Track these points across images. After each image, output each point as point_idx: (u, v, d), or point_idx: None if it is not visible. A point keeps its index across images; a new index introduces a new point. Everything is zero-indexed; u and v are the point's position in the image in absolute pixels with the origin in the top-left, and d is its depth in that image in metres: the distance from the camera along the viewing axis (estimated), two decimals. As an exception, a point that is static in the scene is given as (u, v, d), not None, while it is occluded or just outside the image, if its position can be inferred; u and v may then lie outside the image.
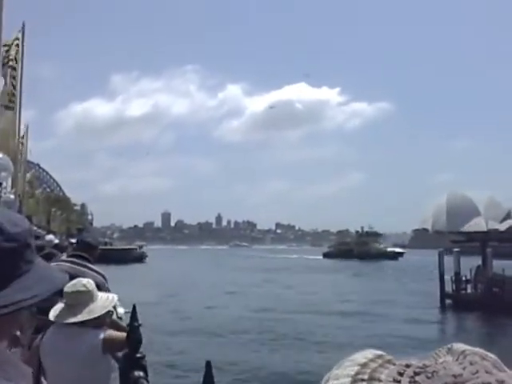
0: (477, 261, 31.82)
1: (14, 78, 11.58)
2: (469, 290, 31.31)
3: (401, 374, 0.70)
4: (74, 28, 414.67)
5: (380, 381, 0.71)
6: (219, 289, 38.62)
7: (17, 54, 12.19)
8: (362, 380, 0.72)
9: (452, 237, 38.85)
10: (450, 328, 26.71)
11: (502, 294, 28.21)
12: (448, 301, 31.41)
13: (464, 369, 0.68)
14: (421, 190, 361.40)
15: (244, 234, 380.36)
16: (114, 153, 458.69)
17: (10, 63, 11.47)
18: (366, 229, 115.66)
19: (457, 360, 0.71)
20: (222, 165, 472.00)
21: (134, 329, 3.97)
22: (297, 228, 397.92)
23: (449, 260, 32.44)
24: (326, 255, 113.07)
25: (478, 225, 33.72)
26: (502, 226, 32.84)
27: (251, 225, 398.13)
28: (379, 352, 0.78)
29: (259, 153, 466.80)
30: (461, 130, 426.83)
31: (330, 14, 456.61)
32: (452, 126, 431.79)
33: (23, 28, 13.30)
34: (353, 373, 0.73)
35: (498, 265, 30.79)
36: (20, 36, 12.86)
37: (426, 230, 38.14)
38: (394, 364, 0.73)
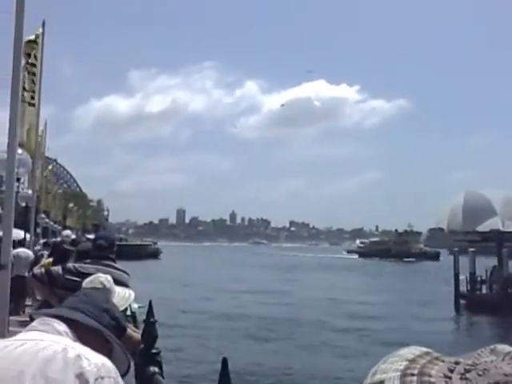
0: (493, 261, 31.52)
1: (34, 74, 11.75)
2: (484, 291, 31.02)
3: (451, 371, 0.72)
4: (92, 24, 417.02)
5: (430, 376, 0.73)
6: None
7: (37, 51, 12.33)
8: (412, 375, 0.74)
9: (468, 237, 38.52)
10: (462, 329, 26.52)
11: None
12: (462, 301, 31.17)
13: None
14: (437, 188, 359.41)
15: (258, 231, 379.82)
16: (130, 149, 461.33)
17: (31, 60, 11.62)
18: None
19: (503, 360, 0.72)
20: (238, 162, 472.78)
21: (149, 325, 4.03)
22: (311, 226, 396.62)
23: (465, 260, 32.16)
24: (361, 254, 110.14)
25: (494, 225, 33.34)
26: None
27: (265, 222, 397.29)
28: (426, 349, 0.80)
29: (275, 150, 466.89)
30: (478, 128, 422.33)
31: (351, 12, 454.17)
32: (469, 124, 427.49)
33: (43, 25, 13.45)
34: (402, 367, 0.75)
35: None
36: (40, 33, 13.00)
37: (441, 229, 37.93)
38: (443, 361, 0.75)
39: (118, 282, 3.69)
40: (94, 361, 1.41)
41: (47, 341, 1.46)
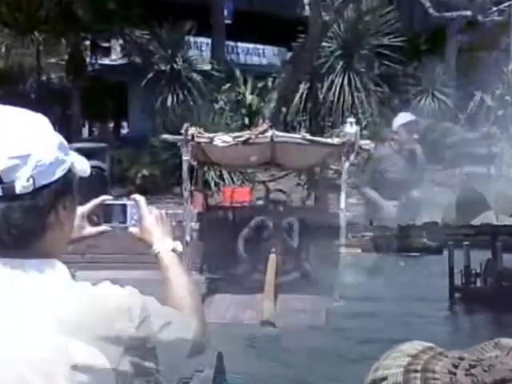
0: (487, 254, 31.69)
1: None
2: (478, 284, 31.20)
3: (455, 367, 0.69)
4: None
5: (434, 372, 0.70)
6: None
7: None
8: (416, 371, 0.71)
9: (462, 230, 38.68)
10: (457, 322, 26.67)
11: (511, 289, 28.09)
12: (457, 294, 31.35)
13: None
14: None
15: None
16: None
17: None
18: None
19: (507, 355, 0.70)
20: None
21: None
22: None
23: (460, 254, 32.31)
24: (362, 249, 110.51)
25: (488, 218, 33.58)
26: (512, 220, 32.70)
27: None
28: (428, 344, 0.76)
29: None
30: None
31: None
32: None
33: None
34: (405, 363, 0.72)
35: (509, 259, 30.65)
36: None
37: (435, 223, 37.85)
38: (447, 356, 0.72)
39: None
40: None
41: None
